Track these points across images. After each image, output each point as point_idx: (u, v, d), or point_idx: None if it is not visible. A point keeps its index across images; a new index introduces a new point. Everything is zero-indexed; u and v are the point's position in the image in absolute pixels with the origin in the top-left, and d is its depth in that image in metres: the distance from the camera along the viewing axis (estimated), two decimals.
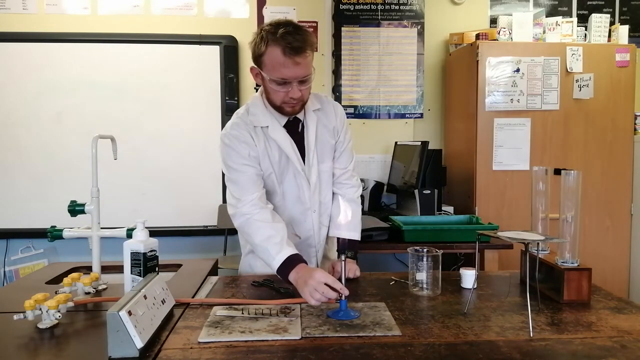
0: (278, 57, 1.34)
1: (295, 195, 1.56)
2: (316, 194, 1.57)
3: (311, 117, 1.55)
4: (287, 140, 1.51)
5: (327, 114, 1.60)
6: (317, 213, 1.59)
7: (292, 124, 1.53)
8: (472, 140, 2.76)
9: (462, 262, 2.60)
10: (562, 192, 1.28)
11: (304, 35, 1.35)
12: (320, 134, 1.57)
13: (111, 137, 1.51)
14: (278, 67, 1.35)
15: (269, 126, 1.49)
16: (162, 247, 1.34)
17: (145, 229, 1.31)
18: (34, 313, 1.10)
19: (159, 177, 2.97)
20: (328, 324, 1.11)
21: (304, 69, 1.36)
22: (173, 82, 2.97)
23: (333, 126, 1.60)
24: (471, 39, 2.89)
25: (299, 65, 1.35)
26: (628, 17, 3.18)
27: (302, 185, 1.55)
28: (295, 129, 1.54)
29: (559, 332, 1.07)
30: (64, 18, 2.94)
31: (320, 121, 1.58)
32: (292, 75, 1.36)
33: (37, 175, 2.93)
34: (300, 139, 1.54)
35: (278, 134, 1.50)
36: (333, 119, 1.61)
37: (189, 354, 0.97)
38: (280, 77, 1.36)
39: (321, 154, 1.58)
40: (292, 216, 1.58)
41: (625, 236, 2.81)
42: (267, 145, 1.50)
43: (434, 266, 1.33)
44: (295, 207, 1.57)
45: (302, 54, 1.34)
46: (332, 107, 1.63)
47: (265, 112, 1.50)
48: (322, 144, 1.58)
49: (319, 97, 1.63)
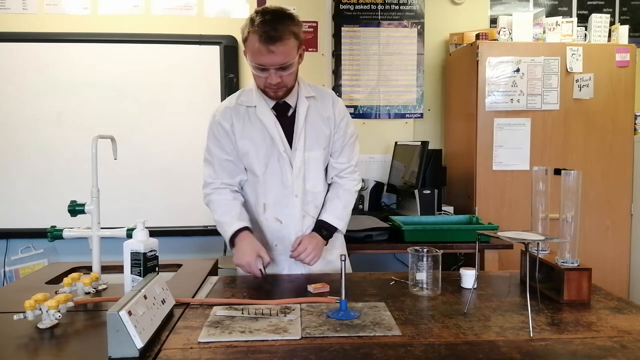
0: (255, 44, 1.41)
1: (278, 178, 1.59)
2: (300, 179, 1.58)
3: (302, 103, 1.58)
4: (272, 122, 1.56)
5: (323, 102, 1.62)
6: (299, 199, 1.59)
7: (282, 107, 1.57)
8: (472, 140, 2.76)
9: (462, 262, 2.60)
10: (562, 192, 1.28)
11: (281, 25, 1.40)
12: (311, 121, 1.59)
13: (111, 137, 1.51)
14: (256, 54, 1.42)
15: (257, 106, 1.56)
16: (162, 247, 1.34)
17: (145, 229, 1.31)
18: (34, 313, 1.10)
19: (159, 177, 2.97)
20: (328, 324, 1.11)
21: (281, 56, 1.42)
22: (173, 82, 2.96)
23: (328, 116, 1.61)
24: (471, 39, 2.89)
25: (274, 54, 1.41)
26: (628, 17, 3.18)
27: (286, 169, 1.57)
28: (285, 113, 1.58)
29: (559, 332, 1.07)
30: (64, 18, 2.94)
31: (314, 108, 1.60)
32: (268, 62, 1.42)
33: (37, 175, 2.93)
34: (290, 123, 1.57)
35: (264, 115, 1.56)
36: (330, 109, 1.62)
37: (189, 354, 0.97)
38: (257, 64, 1.43)
39: (310, 140, 1.59)
40: (274, 199, 1.60)
41: (625, 236, 2.81)
42: (250, 126, 1.57)
43: (434, 266, 1.33)
44: (277, 190, 1.60)
45: (277, 43, 1.39)
46: (330, 97, 1.65)
47: (257, 94, 1.57)
48: (314, 130, 1.60)
49: (317, 87, 1.66)
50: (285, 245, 1.61)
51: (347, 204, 1.66)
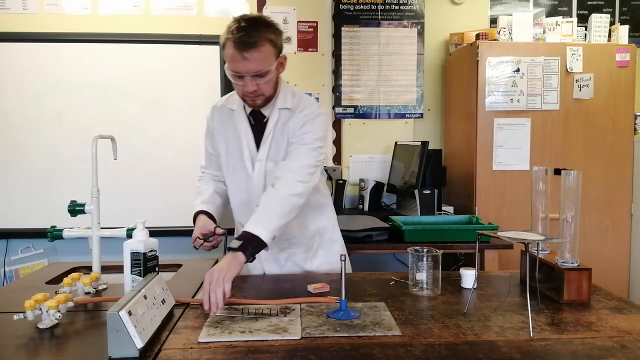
0: (230, 51, 1.40)
1: (243, 184, 1.60)
2: (260, 189, 1.55)
3: (274, 114, 1.55)
4: (243, 127, 1.58)
5: (294, 115, 1.54)
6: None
7: (258, 115, 1.57)
8: (472, 140, 2.76)
9: (462, 262, 2.60)
10: (562, 192, 1.28)
11: (255, 32, 1.38)
12: (279, 134, 1.54)
13: (111, 137, 1.51)
14: (231, 61, 1.42)
15: (235, 110, 1.58)
16: (162, 247, 1.34)
17: (145, 229, 1.31)
18: (34, 313, 1.10)
19: (159, 177, 2.96)
20: (328, 324, 1.11)
21: (255, 64, 1.40)
22: (173, 82, 2.96)
23: (295, 127, 1.53)
24: (471, 39, 2.89)
25: (248, 60, 1.39)
26: (628, 17, 3.18)
27: (248, 177, 1.58)
28: (261, 121, 1.57)
29: (559, 332, 1.07)
30: (64, 18, 2.94)
31: (285, 121, 1.54)
32: (243, 69, 1.41)
33: (37, 175, 2.93)
34: (262, 131, 1.57)
35: (239, 119, 1.58)
36: (299, 120, 1.53)
37: (189, 354, 0.97)
38: (233, 71, 1.43)
39: (273, 152, 1.55)
40: (238, 204, 1.65)
41: (625, 236, 2.81)
42: (227, 129, 1.61)
43: (434, 266, 1.33)
44: (241, 196, 1.63)
45: (251, 50, 1.37)
46: (300, 107, 1.55)
47: (239, 98, 1.57)
48: (277, 143, 1.55)
49: (300, 98, 1.57)
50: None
51: (270, 203, 1.42)
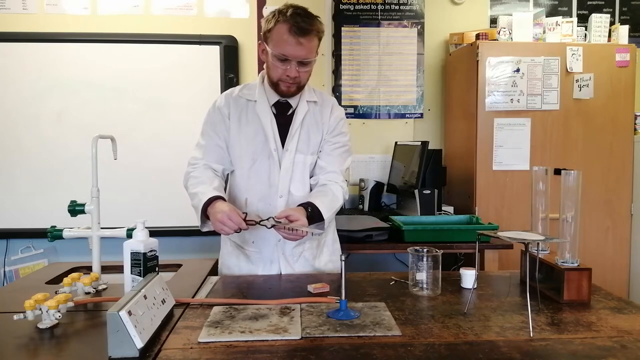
0: (283, 34, 1.43)
1: (265, 176, 1.58)
2: (286, 180, 1.57)
3: (303, 106, 1.59)
4: (269, 118, 1.56)
5: (322, 110, 1.62)
6: (283, 200, 1.57)
7: (282, 106, 1.58)
8: (472, 140, 2.76)
9: (462, 262, 2.60)
10: (562, 192, 1.28)
11: (312, 20, 1.47)
12: (307, 125, 1.59)
13: (111, 137, 1.51)
14: (282, 44, 1.44)
15: (257, 101, 1.57)
16: (162, 247, 1.34)
17: (145, 229, 1.31)
18: (34, 313, 1.10)
19: (159, 177, 2.96)
20: (328, 324, 1.11)
21: (306, 51, 1.46)
22: (173, 82, 2.96)
23: (324, 122, 1.61)
24: (471, 39, 2.89)
25: (301, 46, 1.44)
26: (628, 17, 3.18)
27: (274, 168, 1.57)
28: (285, 112, 1.58)
29: (559, 332, 1.07)
30: (64, 18, 2.94)
31: (312, 114, 1.60)
32: (293, 53, 1.44)
33: (37, 175, 2.93)
34: (287, 123, 1.57)
35: (262, 111, 1.57)
36: (327, 117, 1.62)
37: (189, 354, 0.97)
38: (282, 54, 1.45)
39: (302, 144, 1.58)
40: (258, 197, 1.58)
41: (625, 236, 2.81)
42: (246, 119, 1.57)
43: (434, 266, 1.33)
44: (262, 188, 1.58)
45: (307, 36, 1.44)
46: (330, 106, 1.64)
47: (260, 89, 1.58)
48: (307, 135, 1.59)
49: (321, 94, 1.66)
50: (260, 244, 1.61)
51: (334, 204, 1.55)
